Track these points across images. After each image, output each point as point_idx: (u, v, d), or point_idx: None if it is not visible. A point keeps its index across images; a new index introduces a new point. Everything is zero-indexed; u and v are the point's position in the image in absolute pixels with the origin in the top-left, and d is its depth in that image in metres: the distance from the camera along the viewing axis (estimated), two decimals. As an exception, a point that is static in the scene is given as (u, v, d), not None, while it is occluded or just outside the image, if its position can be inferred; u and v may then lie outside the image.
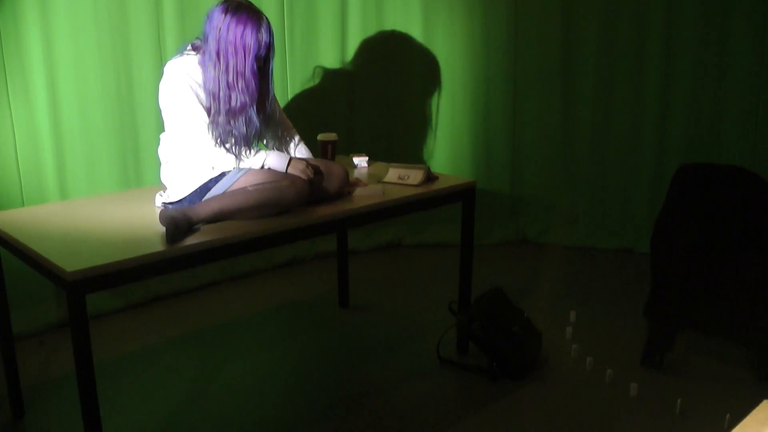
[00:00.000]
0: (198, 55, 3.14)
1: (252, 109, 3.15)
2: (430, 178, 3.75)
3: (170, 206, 3.15)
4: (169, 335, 4.22)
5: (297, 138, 3.57)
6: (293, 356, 3.98)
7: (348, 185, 3.46)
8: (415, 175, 3.68)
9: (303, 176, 3.16)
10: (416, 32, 5.54)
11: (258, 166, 3.15)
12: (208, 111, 3.11)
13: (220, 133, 3.09)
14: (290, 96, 5.17)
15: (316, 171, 3.29)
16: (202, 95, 3.10)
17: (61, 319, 4.28)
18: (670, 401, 3.55)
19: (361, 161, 4.06)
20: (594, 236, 5.80)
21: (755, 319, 3.57)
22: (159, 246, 2.69)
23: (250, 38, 3.03)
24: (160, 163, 3.27)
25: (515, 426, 3.34)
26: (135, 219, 3.04)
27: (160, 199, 3.22)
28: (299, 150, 3.55)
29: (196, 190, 3.10)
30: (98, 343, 4.08)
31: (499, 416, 3.41)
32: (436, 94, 5.67)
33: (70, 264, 2.47)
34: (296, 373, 3.79)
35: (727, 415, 3.37)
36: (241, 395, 3.58)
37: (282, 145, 3.52)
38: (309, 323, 4.39)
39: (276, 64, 4.94)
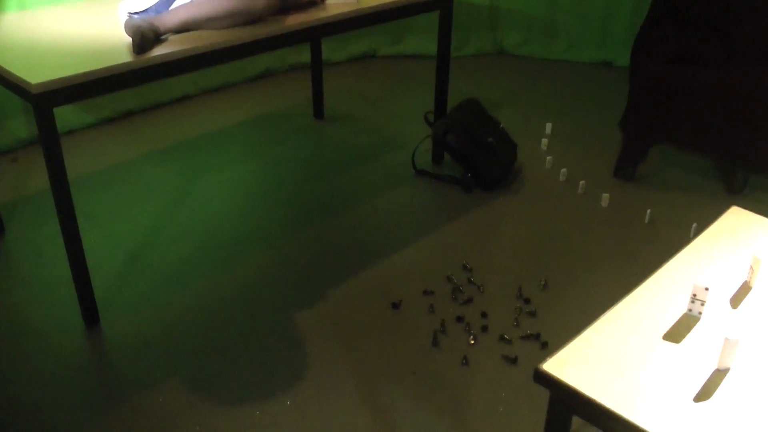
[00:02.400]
0: None
1: None
2: (405, -14, 3.63)
3: (135, 16, 3.04)
4: (144, 150, 4.19)
5: (266, -57, 3.41)
6: (270, 167, 3.98)
7: (320, -7, 3.35)
8: (389, -17, 3.55)
9: (273, -16, 3.04)
10: None
11: (226, -28, 3.02)
12: None
13: (185, -62, 2.94)
14: None
15: (287, -22, 3.17)
16: None
17: (33, 135, 4.22)
18: (640, 211, 3.61)
19: (334, -32, 3.91)
20: (573, 49, 5.71)
21: (730, 132, 3.58)
22: (126, 56, 2.61)
23: None
24: (123, -30, 3.13)
25: (489, 234, 3.40)
26: (99, 29, 2.94)
27: (124, 9, 3.10)
28: (269, -44, 3.40)
29: (162, -1, 2.99)
30: (72, 159, 4.05)
31: (472, 225, 3.47)
32: None
33: (34, 76, 2.40)
34: (273, 184, 3.80)
35: (694, 224, 3.44)
36: (220, 206, 3.60)
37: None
38: (284, 135, 4.37)
39: None
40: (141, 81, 2.64)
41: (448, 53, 3.81)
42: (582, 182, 3.76)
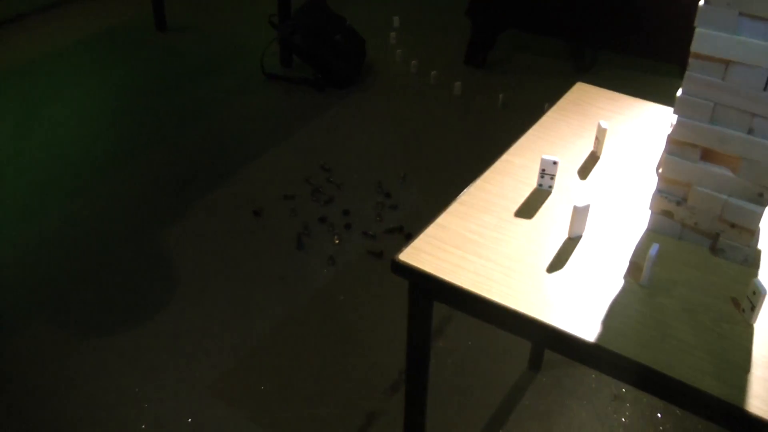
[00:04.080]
0: None
1: None
2: None
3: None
4: (-27, 77, 3.93)
5: None
6: (115, 85, 3.80)
7: None
8: None
9: None
10: None
11: None
12: None
13: None
14: None
15: None
16: None
17: None
18: (493, 97, 3.65)
19: None
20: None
21: (575, 12, 3.63)
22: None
23: None
24: None
25: (345, 132, 3.37)
26: None
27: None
28: None
29: None
30: None
31: (327, 125, 3.43)
32: None
33: None
34: (121, 103, 3.64)
35: (546, 104, 3.51)
36: (68, 131, 3.42)
37: None
38: (127, 50, 4.17)
39: None
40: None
41: (286, -50, 3.70)
42: (434, 73, 3.76)
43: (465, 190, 1.51)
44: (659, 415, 2.19)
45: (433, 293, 1.34)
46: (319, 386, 2.23)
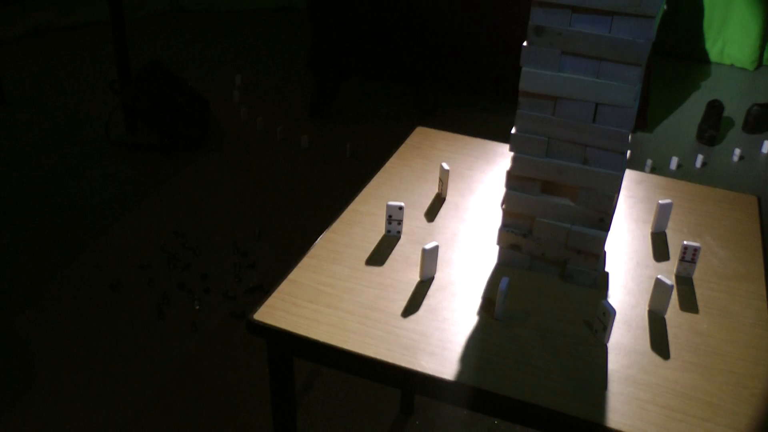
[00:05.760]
0: None
1: None
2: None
3: None
4: None
5: None
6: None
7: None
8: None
9: None
10: None
11: None
12: None
13: None
14: None
15: None
16: None
17: None
18: (340, 146, 3.67)
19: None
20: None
21: (415, 57, 3.71)
22: None
23: None
24: None
25: (196, 195, 3.32)
26: None
27: None
28: None
29: None
30: None
31: (178, 189, 3.36)
32: None
33: None
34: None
35: (394, 149, 3.56)
36: None
37: None
38: (-43, 131, 3.99)
39: None
40: None
41: (122, 17, 3.63)
42: (280, 128, 3.76)
43: (314, 243, 1.50)
44: (532, 443, 2.23)
45: (291, 349, 1.32)
46: (189, 458, 2.16)
